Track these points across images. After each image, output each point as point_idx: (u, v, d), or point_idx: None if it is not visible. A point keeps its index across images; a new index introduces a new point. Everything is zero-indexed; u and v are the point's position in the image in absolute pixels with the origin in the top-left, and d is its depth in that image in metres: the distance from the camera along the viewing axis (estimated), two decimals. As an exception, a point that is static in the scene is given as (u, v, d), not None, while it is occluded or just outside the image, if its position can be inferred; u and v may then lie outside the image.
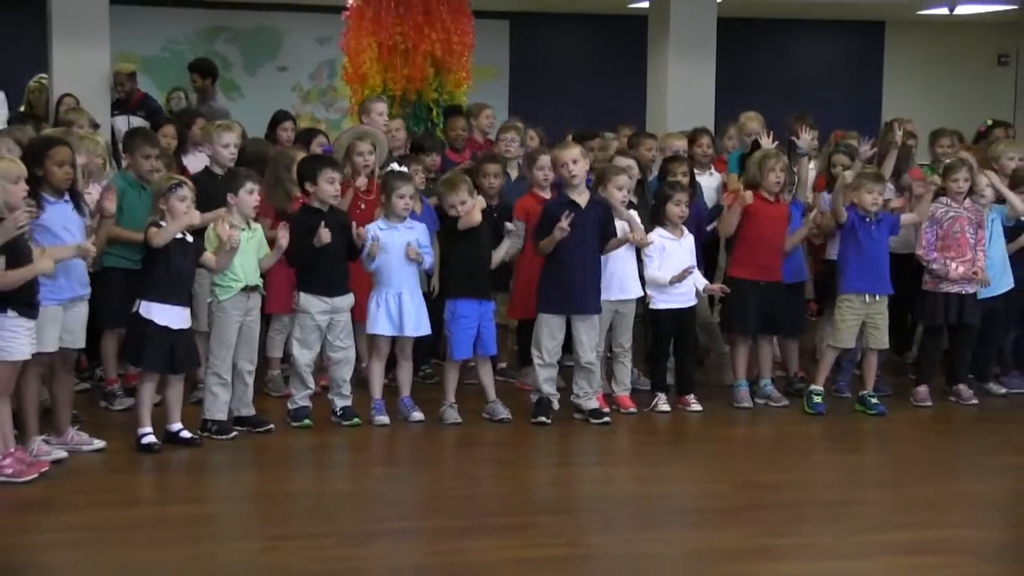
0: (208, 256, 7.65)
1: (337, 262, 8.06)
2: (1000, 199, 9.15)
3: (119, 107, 12.29)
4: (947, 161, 9.43)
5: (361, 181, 8.74)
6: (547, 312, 8.32)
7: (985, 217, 8.99)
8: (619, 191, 8.36)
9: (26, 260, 6.71)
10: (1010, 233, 9.19)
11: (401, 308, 8.13)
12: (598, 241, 8.26)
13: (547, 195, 8.62)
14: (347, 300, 8.15)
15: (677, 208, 8.59)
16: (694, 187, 9.26)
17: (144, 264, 7.57)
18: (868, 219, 8.58)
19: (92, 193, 7.80)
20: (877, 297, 8.64)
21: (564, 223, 8.01)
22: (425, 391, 8.68)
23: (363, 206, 8.68)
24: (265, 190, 8.43)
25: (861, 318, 8.65)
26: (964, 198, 8.95)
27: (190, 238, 7.54)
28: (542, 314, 8.34)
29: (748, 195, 8.69)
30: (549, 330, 8.31)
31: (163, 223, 7.45)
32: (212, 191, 8.14)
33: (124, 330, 7.83)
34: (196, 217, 7.49)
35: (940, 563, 6.01)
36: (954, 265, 8.84)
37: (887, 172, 9.19)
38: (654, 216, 8.65)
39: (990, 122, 11.41)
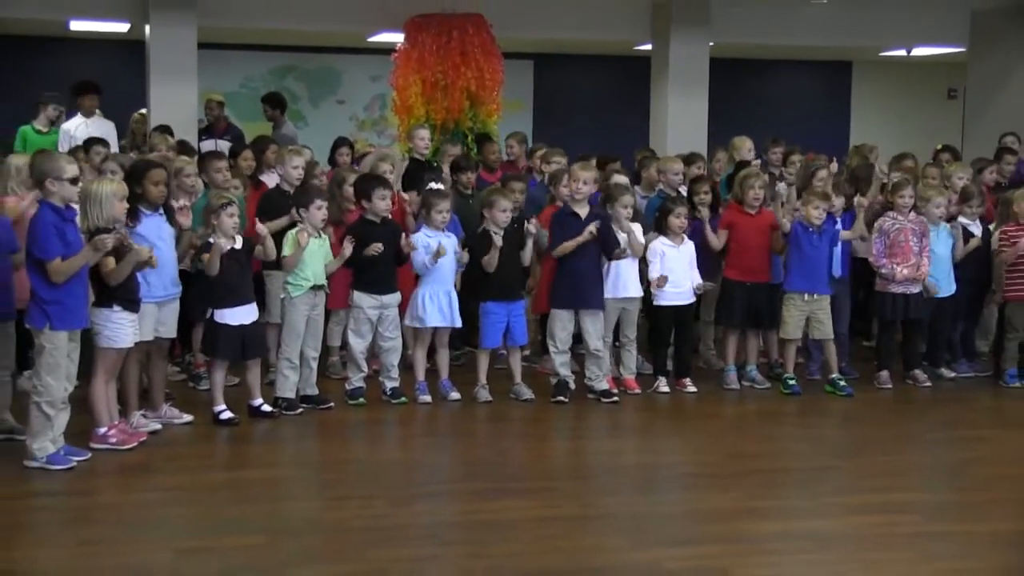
0: (260, 249, 7.64)
1: (387, 266, 8.06)
2: (951, 217, 9.17)
3: (208, 132, 12.35)
4: (894, 180, 9.39)
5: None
6: (558, 307, 8.33)
7: (929, 228, 8.94)
8: (624, 208, 8.37)
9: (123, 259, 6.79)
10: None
11: (451, 303, 8.16)
12: (598, 247, 8.26)
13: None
14: (395, 298, 8.16)
15: (677, 220, 8.58)
16: (717, 203, 9.18)
17: (207, 281, 7.53)
18: (812, 230, 8.55)
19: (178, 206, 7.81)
20: (816, 296, 8.60)
21: (592, 228, 8.06)
22: (459, 374, 8.65)
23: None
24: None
25: (805, 313, 8.61)
26: (909, 211, 8.90)
27: (238, 245, 7.50)
28: (554, 309, 8.35)
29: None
30: (560, 322, 8.31)
31: (211, 239, 7.41)
32: (282, 204, 8.20)
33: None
34: (225, 245, 7.39)
35: (895, 521, 5.99)
36: (899, 269, 8.80)
37: (871, 196, 9.14)
38: (658, 227, 8.65)
39: (939, 147, 11.36)
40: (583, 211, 8.31)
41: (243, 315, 7.52)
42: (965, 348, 9.54)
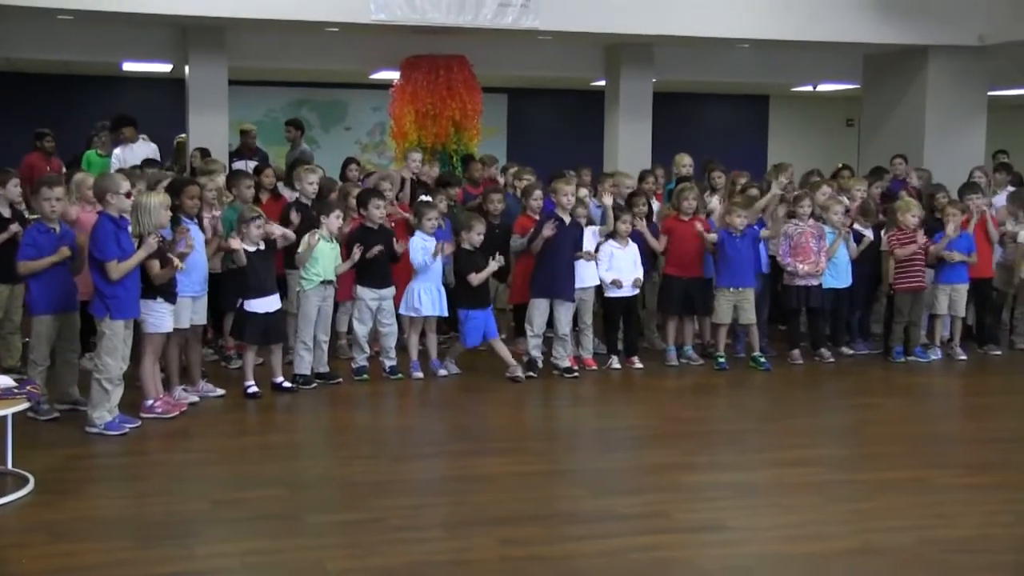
0: (281, 239, 7.61)
1: (384, 264, 8.03)
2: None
3: (238, 155, 12.28)
4: (795, 193, 9.41)
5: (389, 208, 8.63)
6: (537, 296, 8.31)
7: (827, 232, 8.97)
8: (581, 212, 8.42)
9: (168, 263, 6.76)
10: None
11: (439, 296, 8.13)
12: (572, 250, 8.27)
13: (537, 217, 8.54)
14: (391, 291, 8.13)
15: (624, 226, 8.60)
16: (651, 212, 9.20)
17: (239, 277, 7.50)
18: (735, 234, 8.58)
19: (207, 218, 7.75)
20: (740, 288, 8.62)
21: (549, 229, 8.08)
22: (444, 355, 8.63)
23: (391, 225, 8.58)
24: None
25: (732, 303, 8.63)
26: (808, 218, 8.94)
27: (262, 246, 7.48)
28: (534, 298, 8.32)
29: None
30: (539, 310, 8.29)
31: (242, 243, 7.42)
32: (301, 213, 8.14)
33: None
34: (251, 247, 7.40)
35: (806, 472, 6.02)
36: (801, 267, 8.84)
37: (765, 201, 9.15)
38: (609, 232, 8.65)
39: (840, 165, 11.46)
40: (566, 217, 8.31)
41: (268, 304, 7.49)
42: (861, 330, 9.59)
